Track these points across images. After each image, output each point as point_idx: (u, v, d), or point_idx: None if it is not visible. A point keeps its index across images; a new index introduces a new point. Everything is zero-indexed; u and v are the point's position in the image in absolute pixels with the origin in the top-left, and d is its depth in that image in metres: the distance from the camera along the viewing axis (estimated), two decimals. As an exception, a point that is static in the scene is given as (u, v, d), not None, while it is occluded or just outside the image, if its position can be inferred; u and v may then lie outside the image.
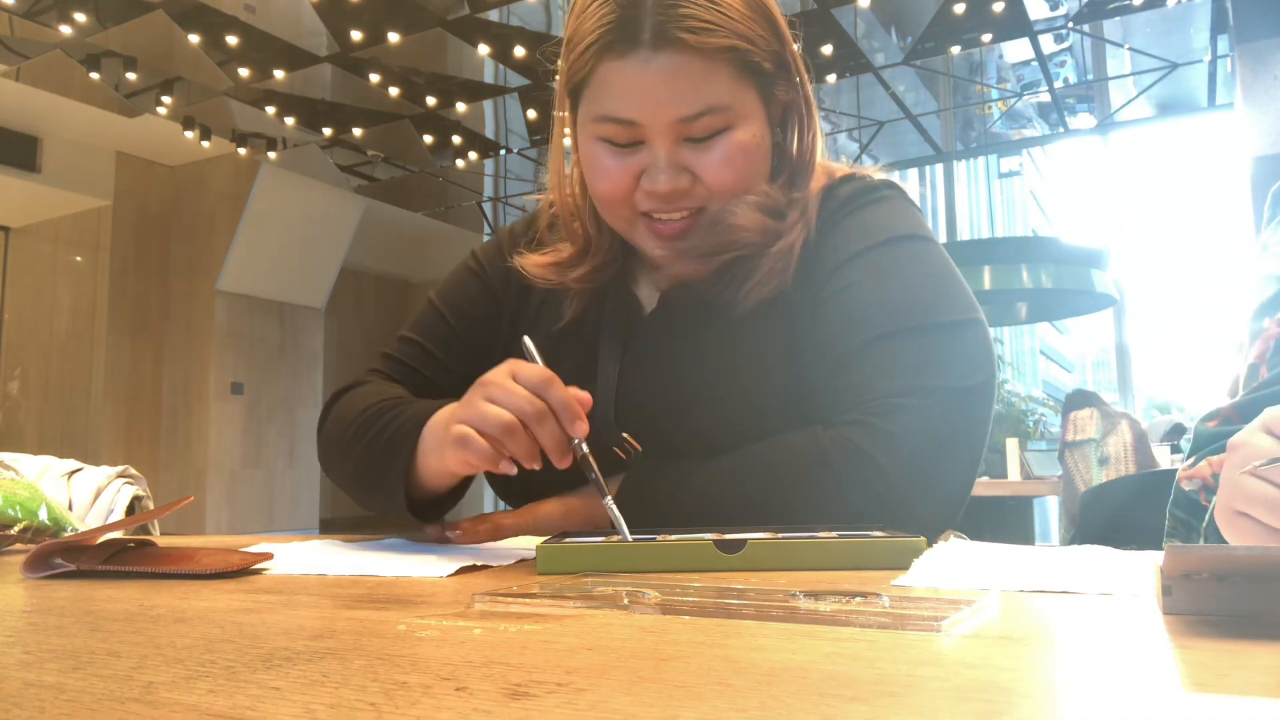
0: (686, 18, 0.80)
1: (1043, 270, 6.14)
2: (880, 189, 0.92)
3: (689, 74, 0.81)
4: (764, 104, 0.87)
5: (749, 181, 0.86)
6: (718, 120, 0.83)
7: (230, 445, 8.11)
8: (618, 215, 0.89)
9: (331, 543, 0.86)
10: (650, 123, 0.82)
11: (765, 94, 0.87)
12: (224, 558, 0.67)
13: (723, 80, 0.82)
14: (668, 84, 0.81)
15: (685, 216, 0.86)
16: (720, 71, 0.81)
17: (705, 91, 0.81)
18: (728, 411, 0.86)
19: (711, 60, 0.81)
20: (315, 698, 0.30)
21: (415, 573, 0.63)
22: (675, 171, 0.84)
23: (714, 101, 0.82)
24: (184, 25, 5.78)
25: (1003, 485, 4.16)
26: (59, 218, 8.21)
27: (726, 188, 0.85)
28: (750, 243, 0.87)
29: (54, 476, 1.19)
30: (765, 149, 0.88)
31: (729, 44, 0.81)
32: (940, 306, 0.83)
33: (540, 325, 1.00)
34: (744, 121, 0.84)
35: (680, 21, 0.80)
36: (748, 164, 0.85)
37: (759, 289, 0.87)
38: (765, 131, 0.87)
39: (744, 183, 0.86)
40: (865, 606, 0.42)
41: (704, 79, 0.81)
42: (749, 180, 0.86)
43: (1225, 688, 0.28)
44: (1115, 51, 7.21)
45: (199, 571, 0.64)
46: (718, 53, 0.81)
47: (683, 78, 0.81)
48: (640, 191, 0.86)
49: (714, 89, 0.81)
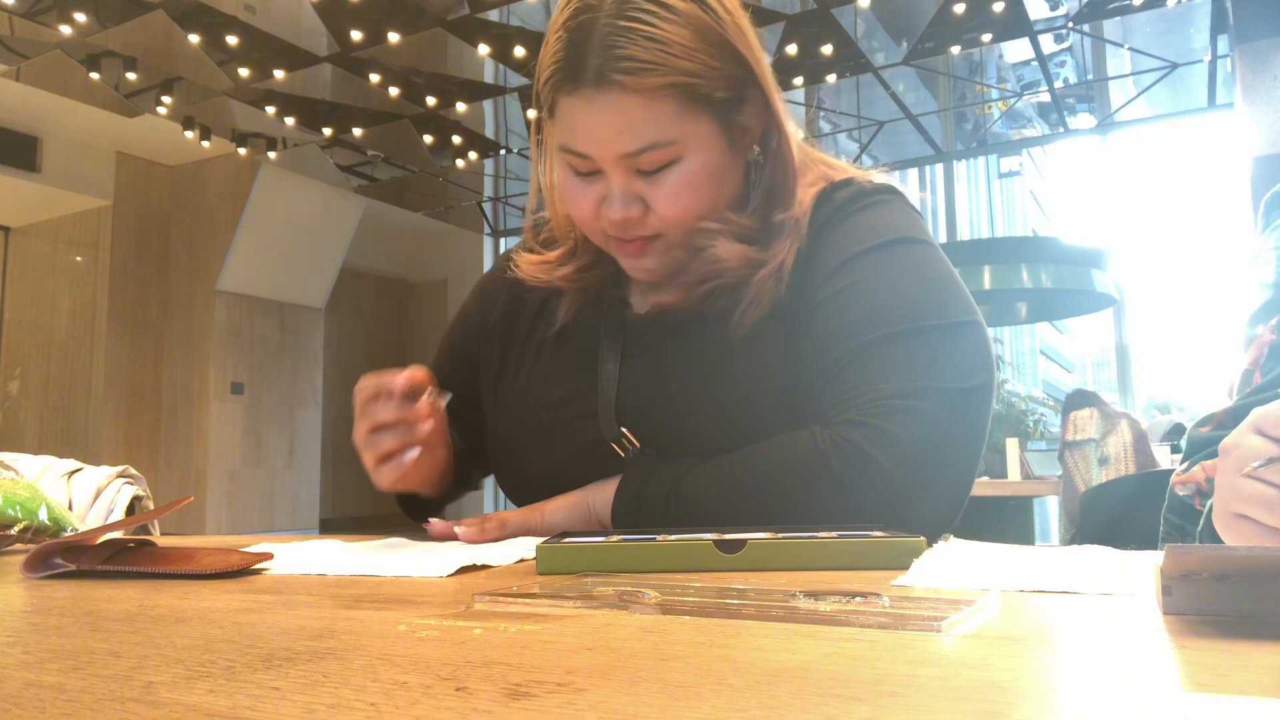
0: (624, 59, 0.80)
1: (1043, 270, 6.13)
2: (877, 193, 0.92)
3: (629, 112, 0.81)
4: (722, 131, 0.86)
5: (702, 210, 0.86)
6: (664, 154, 0.83)
7: (230, 445, 8.11)
8: (592, 235, 0.92)
9: (331, 543, 0.87)
10: (599, 157, 0.84)
11: (723, 121, 0.86)
12: (224, 558, 0.67)
13: (666, 115, 0.82)
14: (610, 122, 0.82)
15: (642, 240, 0.88)
16: (662, 107, 0.82)
17: (647, 128, 0.82)
18: (726, 411, 0.86)
19: (652, 98, 0.81)
20: (315, 698, 0.30)
21: (415, 572, 0.63)
22: (627, 202, 0.85)
23: (657, 137, 0.82)
24: (184, 25, 5.78)
25: (1003, 485, 4.16)
26: (59, 218, 8.21)
27: (677, 218, 0.86)
28: (732, 271, 0.87)
29: (54, 476, 1.19)
30: (721, 177, 0.87)
31: (669, 81, 0.81)
32: (939, 308, 0.83)
33: (538, 329, 1.01)
34: (694, 153, 0.84)
35: (618, 63, 0.80)
36: (696, 195, 0.85)
37: (752, 310, 0.87)
38: (722, 159, 0.87)
39: (695, 212, 0.86)
40: (865, 606, 0.42)
41: (645, 116, 0.82)
42: (702, 209, 0.86)
43: (1225, 688, 0.28)
44: (1115, 51, 7.21)
45: (199, 571, 0.64)
46: (658, 90, 0.81)
47: (623, 116, 0.82)
48: (601, 217, 0.87)
49: (656, 125, 0.82)
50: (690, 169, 0.84)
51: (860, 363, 0.81)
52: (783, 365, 0.86)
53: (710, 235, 0.87)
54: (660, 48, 0.80)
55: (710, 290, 0.88)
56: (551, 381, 0.98)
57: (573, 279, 0.98)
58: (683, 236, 0.88)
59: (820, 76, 6.75)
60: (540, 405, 0.97)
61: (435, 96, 6.85)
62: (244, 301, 8.29)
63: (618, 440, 0.89)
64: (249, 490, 8.26)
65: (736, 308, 0.87)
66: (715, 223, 0.87)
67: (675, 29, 0.81)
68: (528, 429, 0.97)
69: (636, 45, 0.80)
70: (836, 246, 0.88)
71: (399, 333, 10.54)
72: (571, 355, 0.98)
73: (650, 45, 0.80)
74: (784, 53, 6.26)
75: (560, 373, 0.98)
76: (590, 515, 0.88)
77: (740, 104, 0.87)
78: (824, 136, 8.63)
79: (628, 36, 0.80)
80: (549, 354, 1.00)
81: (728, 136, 0.87)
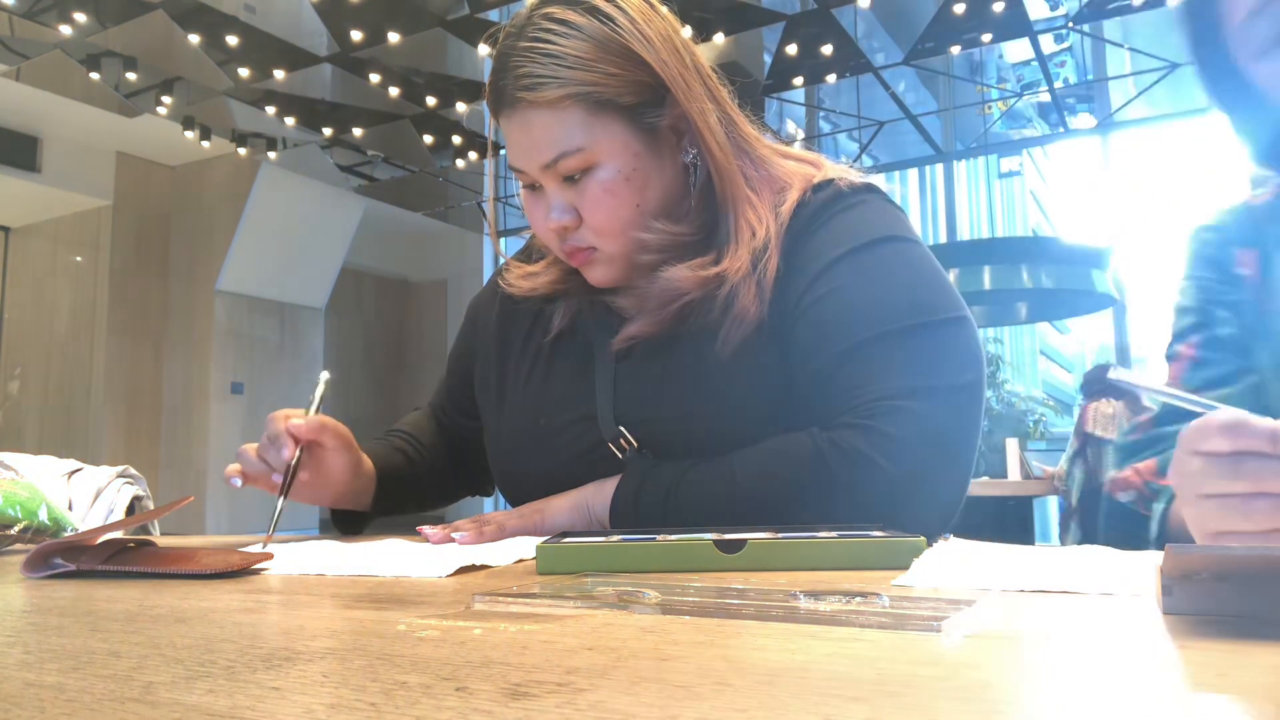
0: (524, 77, 0.86)
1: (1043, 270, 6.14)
2: (856, 193, 0.91)
3: (534, 126, 0.87)
4: (637, 134, 0.88)
5: (626, 214, 0.88)
6: (576, 161, 0.87)
7: (230, 445, 8.10)
8: (549, 246, 0.95)
9: (331, 543, 0.87)
10: (528, 170, 0.89)
11: (636, 124, 0.88)
12: (224, 558, 0.67)
13: (571, 125, 0.86)
14: (524, 137, 0.88)
15: (583, 251, 0.91)
16: (566, 117, 0.86)
17: (555, 138, 0.86)
18: (723, 413, 0.86)
19: (555, 109, 0.86)
20: (315, 698, 0.30)
21: (414, 573, 0.63)
22: (561, 210, 0.89)
23: (565, 146, 0.86)
24: (184, 25, 5.78)
25: (1002, 485, 4.15)
26: (59, 218, 8.21)
27: (600, 222, 0.89)
28: (688, 294, 0.88)
29: (54, 476, 1.19)
30: (643, 179, 0.89)
31: (568, 92, 0.85)
32: (927, 306, 0.83)
33: (535, 335, 1.03)
34: (608, 158, 0.87)
35: (519, 82, 0.86)
36: (616, 200, 0.88)
37: (737, 329, 0.87)
38: (640, 163, 0.88)
39: (619, 216, 0.88)
40: (865, 606, 0.42)
41: (550, 128, 0.86)
42: (625, 213, 0.88)
43: (1225, 688, 0.28)
44: (1115, 51, 7.22)
45: (199, 571, 0.64)
46: (558, 102, 0.85)
47: (532, 130, 0.87)
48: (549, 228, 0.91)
49: (562, 135, 0.86)
50: (606, 175, 0.87)
51: (852, 364, 0.81)
52: (773, 371, 0.86)
53: (644, 248, 0.89)
54: (556, 62, 0.85)
55: (678, 312, 0.89)
56: (549, 386, 0.98)
57: (559, 284, 1.01)
58: (618, 248, 0.90)
59: (820, 76, 6.75)
60: (539, 410, 0.97)
61: (435, 96, 6.85)
62: (244, 302, 8.29)
63: (616, 441, 0.89)
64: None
65: (719, 327, 0.87)
66: (645, 233, 0.89)
67: (572, 43, 0.85)
68: (526, 433, 0.97)
69: (534, 63, 0.85)
70: (818, 250, 0.88)
71: (399, 333, 10.54)
72: (568, 360, 0.98)
73: (546, 60, 0.85)
74: (784, 53, 6.27)
75: (557, 378, 0.98)
76: (590, 515, 0.88)
77: (657, 107, 0.88)
78: (824, 136, 8.63)
79: (527, 55, 0.86)
80: (546, 360, 1.00)
81: (645, 139, 0.88)
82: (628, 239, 0.89)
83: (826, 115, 8.58)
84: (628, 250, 0.90)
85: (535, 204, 0.92)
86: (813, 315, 0.85)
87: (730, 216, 0.90)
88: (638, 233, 0.89)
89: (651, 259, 0.90)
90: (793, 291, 0.87)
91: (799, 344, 0.85)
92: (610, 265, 0.92)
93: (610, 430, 0.90)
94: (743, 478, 0.81)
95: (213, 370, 8.03)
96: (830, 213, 0.90)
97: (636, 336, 0.91)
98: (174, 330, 8.28)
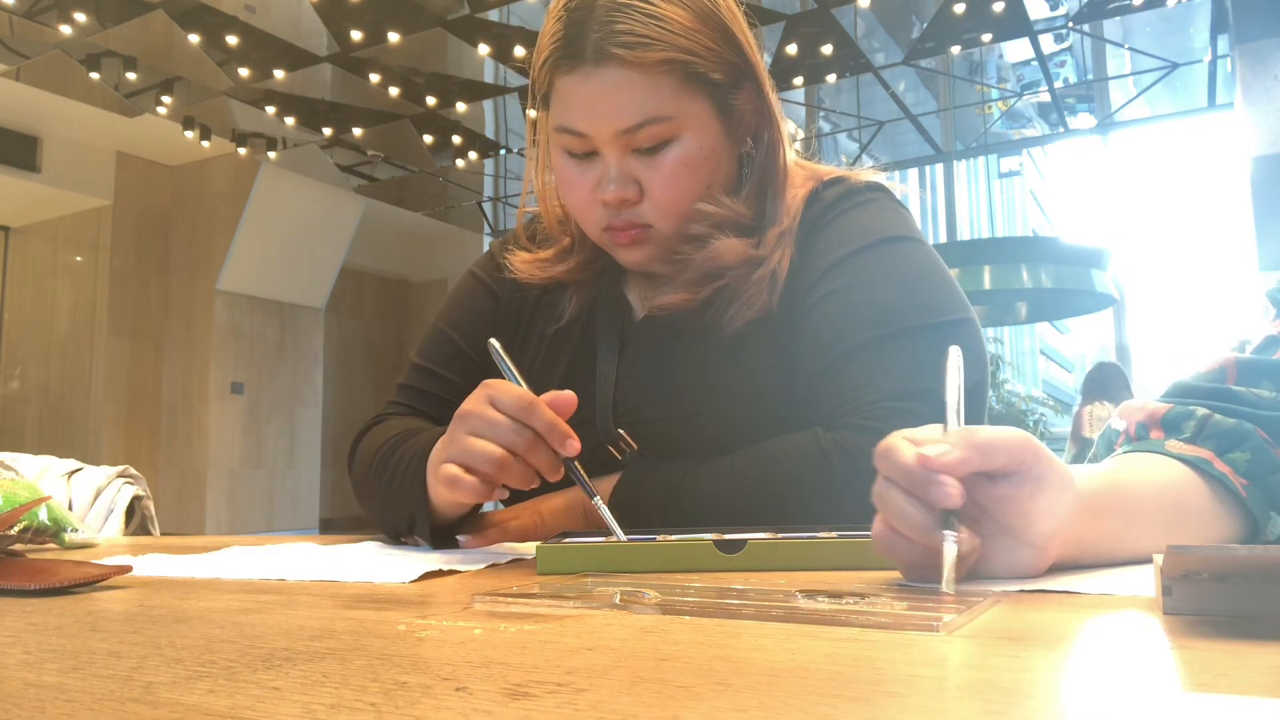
0: (623, 34, 0.81)
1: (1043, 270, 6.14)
2: (865, 191, 0.92)
3: (628, 87, 0.82)
4: (719, 114, 0.87)
5: (697, 193, 0.86)
6: (661, 130, 0.84)
7: (230, 445, 8.11)
8: (586, 225, 0.91)
9: (308, 545, 0.86)
10: (596, 134, 0.84)
11: (720, 104, 0.87)
12: (81, 570, 0.61)
13: (664, 92, 0.83)
14: (608, 97, 0.83)
15: (634, 229, 0.87)
16: (661, 83, 0.83)
17: (645, 103, 0.83)
18: (725, 412, 0.86)
19: (650, 73, 0.82)
20: (315, 698, 0.30)
21: (378, 578, 0.61)
22: (623, 182, 0.85)
23: (655, 112, 0.83)
24: (184, 25, 5.78)
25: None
26: (59, 218, 8.21)
27: (670, 198, 0.86)
28: (731, 269, 0.87)
29: (54, 476, 1.19)
30: (718, 159, 0.88)
31: (668, 57, 0.82)
32: (933, 306, 0.83)
33: (537, 325, 1.01)
34: (691, 131, 0.85)
35: (616, 38, 0.82)
36: (694, 175, 0.86)
37: (742, 312, 0.87)
38: (718, 142, 0.87)
39: (691, 195, 0.86)
40: (865, 606, 0.42)
41: (643, 91, 0.83)
42: (697, 192, 0.86)
43: (1225, 688, 0.28)
44: (1115, 51, 7.22)
45: (53, 586, 0.58)
46: (656, 65, 0.82)
47: (622, 91, 0.82)
48: (596, 202, 0.87)
49: (654, 101, 0.83)
50: (687, 149, 0.85)
51: (856, 365, 0.81)
52: (777, 368, 0.86)
53: (704, 218, 0.87)
54: (658, 24, 0.82)
55: (713, 291, 0.88)
56: (548, 382, 0.98)
57: (573, 274, 0.98)
58: (675, 227, 0.88)
59: (820, 76, 6.75)
60: None
61: (435, 96, 6.85)
62: (244, 301, 8.29)
63: (614, 443, 0.89)
64: (249, 490, 8.26)
65: (728, 309, 0.87)
66: (709, 204, 0.87)
67: (673, 8, 0.83)
68: None
69: (635, 21, 0.82)
70: (825, 248, 0.88)
71: (399, 333, 10.53)
72: (569, 353, 0.97)
73: (649, 21, 0.82)
74: (784, 53, 6.26)
75: (557, 370, 0.97)
76: (588, 515, 0.88)
77: (736, 90, 0.88)
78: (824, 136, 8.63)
79: (626, 13, 0.82)
80: (546, 353, 0.99)
81: (723, 120, 0.87)
82: (685, 219, 0.87)
83: (826, 115, 8.58)
84: (680, 232, 0.88)
85: (583, 174, 0.87)
86: (818, 313, 0.85)
87: (779, 206, 0.90)
88: (702, 204, 0.87)
89: (702, 230, 0.88)
90: (799, 286, 0.87)
91: (803, 340, 0.85)
92: (656, 247, 0.89)
93: (608, 432, 0.89)
94: (744, 478, 0.81)
95: (213, 370, 8.03)
96: (838, 210, 0.90)
97: (668, 306, 0.90)
98: (174, 330, 8.28)
